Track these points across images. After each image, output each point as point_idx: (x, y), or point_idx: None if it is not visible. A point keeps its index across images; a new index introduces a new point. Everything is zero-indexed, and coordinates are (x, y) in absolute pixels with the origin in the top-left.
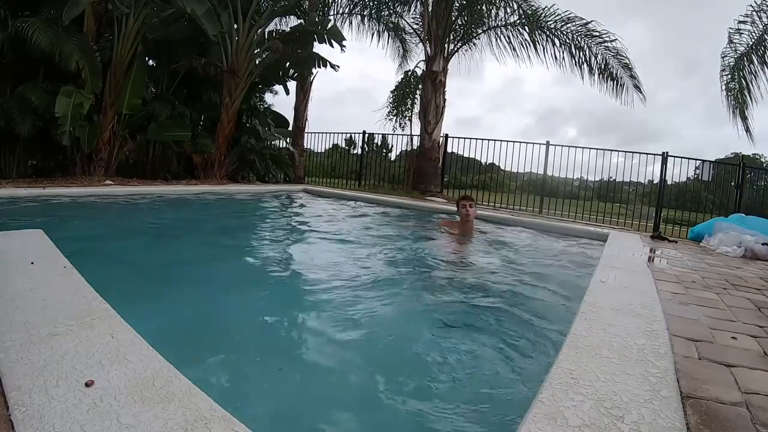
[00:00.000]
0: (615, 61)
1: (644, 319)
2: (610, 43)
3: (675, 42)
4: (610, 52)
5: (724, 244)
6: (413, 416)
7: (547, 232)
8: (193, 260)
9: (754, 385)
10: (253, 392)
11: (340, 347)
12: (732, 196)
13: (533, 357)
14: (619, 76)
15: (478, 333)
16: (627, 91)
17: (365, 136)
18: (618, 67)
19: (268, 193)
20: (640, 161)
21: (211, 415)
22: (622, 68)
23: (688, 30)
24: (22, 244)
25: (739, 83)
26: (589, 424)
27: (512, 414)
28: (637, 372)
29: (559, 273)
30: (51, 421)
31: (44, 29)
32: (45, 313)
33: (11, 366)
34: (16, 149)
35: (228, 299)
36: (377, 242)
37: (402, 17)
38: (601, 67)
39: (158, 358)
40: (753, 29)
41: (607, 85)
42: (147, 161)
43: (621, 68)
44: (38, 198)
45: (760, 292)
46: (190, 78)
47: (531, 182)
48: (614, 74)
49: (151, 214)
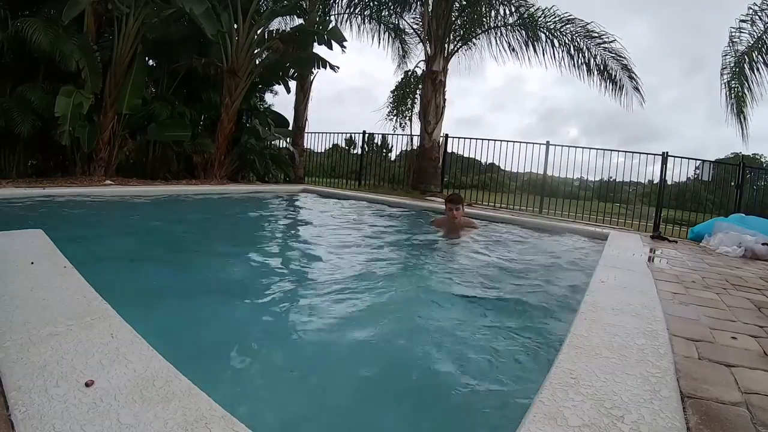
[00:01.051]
0: (614, 62)
1: (644, 319)
2: (609, 44)
3: (679, 40)
4: (609, 53)
5: (724, 244)
6: (413, 416)
7: (547, 231)
8: (193, 260)
9: (754, 385)
10: (266, 395)
11: (334, 347)
12: (732, 196)
13: (533, 357)
14: (619, 77)
15: (476, 333)
16: (626, 93)
17: (365, 136)
18: (617, 69)
19: (268, 192)
20: (640, 161)
21: (211, 415)
22: (622, 69)
23: (692, 28)
24: (22, 244)
25: (740, 82)
26: (589, 424)
27: (512, 414)
28: (637, 372)
29: (558, 273)
30: (51, 421)
31: (44, 29)
32: (45, 313)
33: (11, 366)
34: (16, 149)
35: (228, 299)
36: (377, 242)
37: (402, 17)
38: (600, 68)
39: (158, 358)
40: (753, 29)
41: (607, 86)
42: (147, 161)
43: (620, 69)
44: (38, 198)
45: (760, 292)
46: (190, 78)
47: (531, 182)
48: (613, 76)
49: (151, 214)
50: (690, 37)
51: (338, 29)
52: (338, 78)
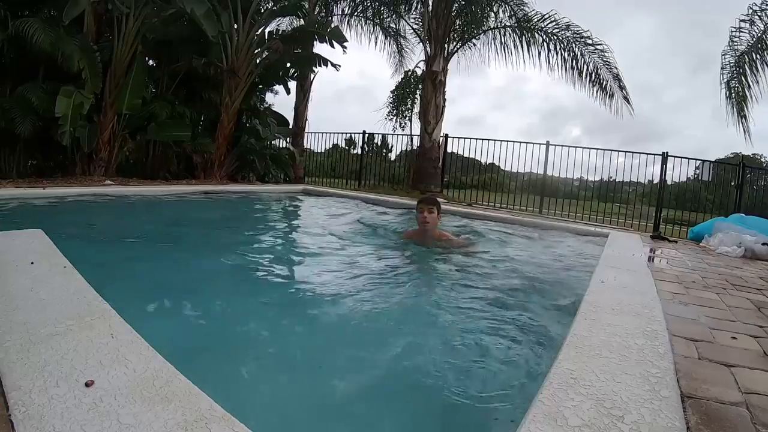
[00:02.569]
0: (606, 70)
1: (644, 319)
2: (603, 53)
3: (686, 37)
4: (601, 61)
5: (724, 244)
6: (414, 416)
7: (547, 231)
8: (193, 260)
9: (754, 385)
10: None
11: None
12: (732, 196)
13: (532, 357)
14: (609, 85)
15: (476, 333)
16: (616, 101)
17: (365, 136)
18: (609, 77)
19: (268, 192)
20: (641, 161)
21: (211, 415)
22: (613, 78)
23: (700, 24)
24: (22, 244)
25: (739, 82)
26: (589, 424)
27: (512, 414)
28: (637, 372)
29: (558, 273)
30: (51, 421)
31: (44, 29)
32: (45, 313)
33: (11, 366)
34: (16, 149)
35: (229, 299)
36: (376, 242)
37: (402, 17)
38: (591, 75)
39: (158, 358)
40: (753, 29)
41: (596, 92)
42: (147, 161)
43: (612, 79)
44: (38, 198)
45: (760, 292)
46: (190, 78)
47: (531, 182)
48: (603, 84)
49: (151, 214)
50: (697, 34)
51: (339, 30)
52: (338, 77)
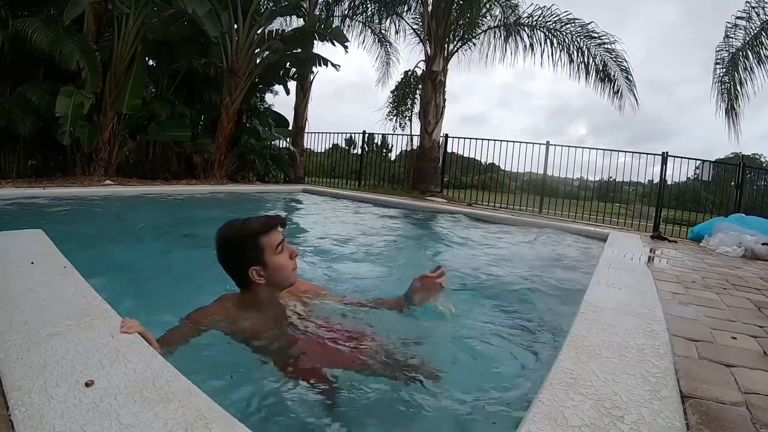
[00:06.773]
0: (613, 64)
1: (644, 319)
2: (609, 44)
3: (707, 33)
4: (609, 55)
5: (724, 244)
6: (412, 416)
7: (547, 231)
8: (193, 260)
9: (754, 385)
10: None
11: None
12: (732, 196)
13: (532, 357)
14: (616, 77)
15: (475, 333)
16: (621, 96)
17: (365, 136)
18: (616, 71)
19: (268, 192)
20: (641, 161)
21: (211, 415)
22: (620, 72)
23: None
24: (22, 244)
25: (732, 78)
26: (589, 424)
27: (512, 414)
28: (637, 372)
29: (558, 273)
30: (51, 421)
31: (44, 29)
32: (45, 313)
33: (11, 366)
34: (16, 149)
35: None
36: (375, 242)
37: (402, 17)
38: (598, 70)
39: (158, 358)
40: (749, 25)
41: (604, 87)
42: (147, 161)
43: (619, 72)
44: (38, 198)
45: (760, 292)
46: (190, 78)
47: (531, 182)
48: (611, 77)
49: (152, 214)
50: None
51: (340, 30)
52: (338, 75)
